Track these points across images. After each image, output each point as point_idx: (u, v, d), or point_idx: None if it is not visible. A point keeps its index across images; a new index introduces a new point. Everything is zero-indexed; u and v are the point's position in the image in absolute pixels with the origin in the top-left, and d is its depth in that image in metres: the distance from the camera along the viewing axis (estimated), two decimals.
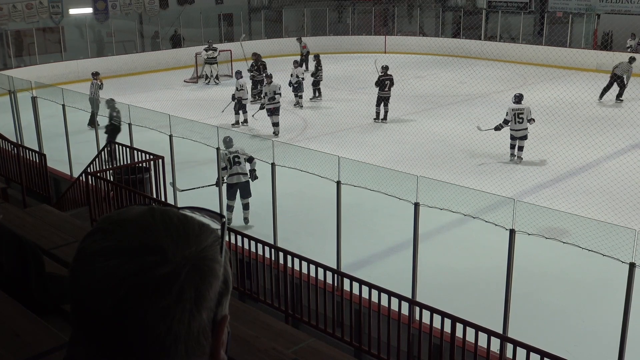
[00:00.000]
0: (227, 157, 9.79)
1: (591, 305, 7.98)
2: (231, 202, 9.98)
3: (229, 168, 9.83)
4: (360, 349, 6.46)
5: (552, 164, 12.73)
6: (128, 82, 22.36)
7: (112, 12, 26.02)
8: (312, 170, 8.95)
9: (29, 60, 23.39)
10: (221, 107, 17.04)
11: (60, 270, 3.04)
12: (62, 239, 3.89)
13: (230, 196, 9.95)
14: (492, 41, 26.55)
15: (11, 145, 10.66)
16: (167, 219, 0.81)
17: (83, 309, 0.78)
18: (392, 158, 12.67)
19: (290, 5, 30.26)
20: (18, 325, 2.38)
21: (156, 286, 0.76)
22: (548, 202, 9.64)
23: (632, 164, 12.10)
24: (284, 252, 6.98)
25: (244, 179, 9.87)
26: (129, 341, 0.76)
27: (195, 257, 0.79)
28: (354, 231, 9.48)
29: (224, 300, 0.84)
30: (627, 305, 5.73)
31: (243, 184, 9.86)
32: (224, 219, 0.87)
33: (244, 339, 3.44)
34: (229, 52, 23.71)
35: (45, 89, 14.59)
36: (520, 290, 6.88)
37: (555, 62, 23.61)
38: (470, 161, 13.22)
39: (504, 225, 6.39)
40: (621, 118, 15.69)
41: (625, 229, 5.84)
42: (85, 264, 0.78)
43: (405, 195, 7.08)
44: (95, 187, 8.86)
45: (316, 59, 19.58)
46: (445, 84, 21.13)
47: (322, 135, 15.20)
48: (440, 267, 8.62)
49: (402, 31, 29.97)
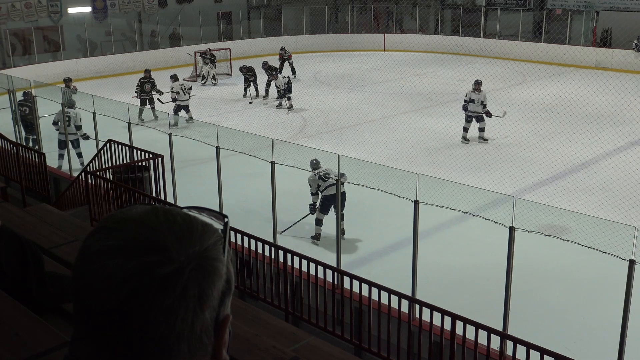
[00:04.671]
0: (315, 177, 9.45)
1: (591, 303, 7.99)
2: (324, 216, 9.55)
3: (322, 184, 9.42)
4: (360, 346, 6.47)
5: (551, 161, 12.73)
6: (127, 81, 22.34)
7: (111, 10, 26.01)
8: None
9: (28, 59, 23.37)
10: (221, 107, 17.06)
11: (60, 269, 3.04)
12: (62, 238, 3.88)
13: (325, 209, 9.51)
14: (491, 38, 26.54)
15: (10, 145, 10.65)
16: (170, 218, 0.81)
17: (86, 307, 0.78)
18: (391, 156, 12.66)
19: (289, 4, 30.24)
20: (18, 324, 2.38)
21: (160, 285, 0.76)
22: (548, 200, 9.65)
23: (632, 161, 12.11)
24: (283, 251, 6.98)
25: (342, 188, 9.03)
26: (132, 340, 0.76)
27: (199, 257, 0.79)
28: (354, 229, 9.48)
29: (227, 300, 0.84)
30: (627, 302, 5.73)
31: (342, 192, 9.01)
32: (227, 218, 0.87)
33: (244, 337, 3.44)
34: (228, 51, 23.70)
35: (44, 88, 14.59)
36: (520, 288, 6.88)
37: (555, 60, 23.60)
38: (470, 159, 13.22)
39: (503, 222, 6.39)
40: (620, 115, 15.69)
41: (625, 226, 5.85)
42: (89, 263, 0.78)
43: (404, 193, 7.08)
44: (95, 186, 8.85)
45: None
46: (445, 81, 21.13)
47: (322, 134, 15.20)
48: (440, 264, 8.63)
49: (401, 29, 29.97)
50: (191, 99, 16.74)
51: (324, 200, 9.43)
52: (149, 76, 17.21)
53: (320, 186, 9.46)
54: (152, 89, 17.04)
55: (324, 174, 9.42)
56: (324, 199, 9.44)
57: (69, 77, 16.45)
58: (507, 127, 14.45)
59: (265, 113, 17.69)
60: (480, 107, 14.38)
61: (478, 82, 14.56)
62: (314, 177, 9.49)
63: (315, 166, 9.51)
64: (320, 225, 9.58)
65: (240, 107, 18.64)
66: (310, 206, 9.70)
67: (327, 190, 9.33)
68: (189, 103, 16.52)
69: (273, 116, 17.34)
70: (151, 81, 17.09)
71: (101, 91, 16.43)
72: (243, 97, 19.50)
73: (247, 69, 19.19)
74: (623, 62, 23.15)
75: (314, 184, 9.52)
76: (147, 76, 17.20)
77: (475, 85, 14.51)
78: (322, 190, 9.45)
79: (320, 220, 9.56)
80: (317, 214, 9.56)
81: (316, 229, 9.60)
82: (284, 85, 17.66)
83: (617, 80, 17.98)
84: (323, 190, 9.43)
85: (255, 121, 16.04)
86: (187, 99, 16.52)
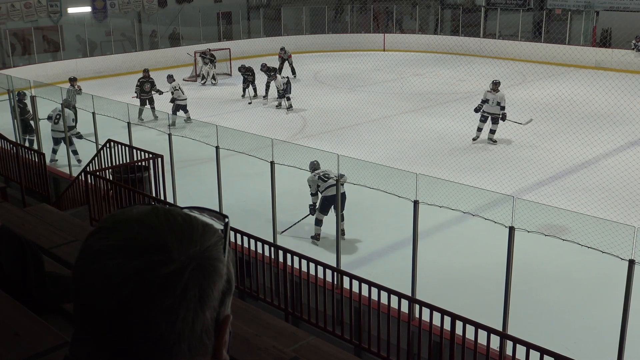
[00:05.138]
0: (314, 178, 9.45)
1: (591, 302, 7.99)
2: (323, 216, 9.52)
3: (322, 184, 9.40)
4: (360, 346, 6.47)
5: (551, 161, 12.73)
6: (126, 81, 22.34)
7: (111, 10, 26.00)
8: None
9: (28, 59, 23.37)
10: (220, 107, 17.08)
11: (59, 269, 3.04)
12: (62, 238, 3.88)
13: (325, 210, 9.48)
14: (491, 39, 26.54)
15: (10, 145, 10.65)
16: (171, 218, 0.81)
17: (87, 307, 0.78)
18: (391, 156, 12.67)
19: (289, 4, 30.25)
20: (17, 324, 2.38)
21: (161, 285, 0.76)
22: (547, 200, 9.65)
23: (631, 161, 12.12)
24: (283, 251, 6.98)
25: (342, 189, 8.95)
26: (133, 340, 0.76)
27: (200, 257, 0.79)
28: (354, 229, 9.48)
29: (227, 300, 0.84)
30: (627, 302, 5.74)
31: (342, 193, 8.95)
32: (227, 219, 0.87)
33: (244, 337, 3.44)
34: (228, 51, 23.70)
35: (44, 88, 14.59)
36: (519, 288, 6.88)
37: (554, 60, 23.61)
38: (470, 159, 13.22)
39: (503, 222, 6.39)
40: (620, 115, 15.69)
41: (625, 226, 5.85)
42: (90, 262, 0.78)
43: (404, 193, 7.08)
44: (95, 186, 8.85)
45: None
46: (445, 81, 21.13)
47: (321, 134, 15.20)
48: (439, 264, 8.63)
49: (401, 29, 29.97)
50: (189, 99, 16.76)
51: (324, 200, 9.43)
52: (148, 76, 17.21)
53: (320, 187, 9.45)
54: (152, 89, 17.04)
55: (323, 174, 9.42)
56: (323, 200, 9.44)
57: (74, 76, 16.48)
58: (507, 127, 14.46)
59: (264, 113, 17.69)
60: (496, 108, 14.19)
61: (495, 83, 14.38)
62: (313, 177, 9.49)
63: (315, 167, 9.51)
64: (320, 226, 9.58)
65: (239, 107, 18.64)
66: (310, 207, 9.70)
67: (327, 191, 9.32)
68: (187, 103, 16.54)
69: (273, 116, 17.34)
70: (150, 81, 17.09)
71: (101, 91, 16.44)
72: (242, 98, 19.53)
73: (246, 69, 19.20)
74: (623, 62, 23.16)
75: (314, 184, 9.52)
76: (146, 76, 17.20)
77: (492, 86, 14.39)
78: (321, 191, 9.44)
79: (320, 220, 9.56)
80: (317, 215, 9.56)
81: (316, 229, 9.60)
82: (283, 85, 17.67)
83: (617, 80, 17.99)
84: (323, 191, 9.42)
85: (255, 121, 16.04)
86: (185, 99, 16.54)
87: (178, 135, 10.87)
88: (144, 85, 17.03)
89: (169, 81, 16.61)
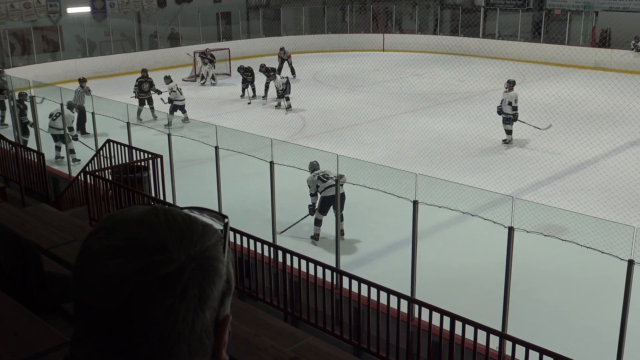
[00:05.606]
0: (314, 178, 9.44)
1: (590, 303, 7.99)
2: (323, 216, 9.53)
3: (321, 184, 9.39)
4: (359, 346, 6.46)
5: (550, 161, 12.74)
6: (126, 81, 22.34)
7: (110, 11, 26.00)
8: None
9: (27, 59, 23.36)
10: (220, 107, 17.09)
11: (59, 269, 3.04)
12: (61, 238, 3.88)
13: (324, 210, 9.49)
14: (490, 39, 26.55)
15: (9, 145, 10.64)
16: (171, 219, 0.81)
17: (86, 307, 0.78)
18: (390, 156, 12.67)
19: (288, 4, 30.25)
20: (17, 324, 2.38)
21: (161, 285, 0.76)
22: (547, 200, 9.65)
23: (631, 162, 12.12)
24: (283, 251, 6.98)
25: (342, 189, 8.89)
26: (133, 340, 0.76)
27: (200, 257, 0.79)
28: (353, 229, 9.49)
29: (227, 300, 0.84)
30: (626, 302, 5.74)
31: (342, 193, 8.89)
32: (227, 219, 0.87)
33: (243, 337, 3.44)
34: (227, 51, 23.69)
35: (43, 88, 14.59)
36: (519, 288, 6.88)
37: (554, 60, 23.62)
38: (469, 159, 13.23)
39: (502, 222, 6.39)
40: (619, 115, 15.69)
41: (624, 226, 5.85)
42: (90, 263, 0.78)
43: (403, 193, 7.08)
44: (94, 187, 8.85)
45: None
46: (444, 81, 21.14)
47: (321, 134, 15.20)
48: (439, 264, 8.63)
49: (400, 29, 29.98)
50: (189, 99, 16.77)
51: (323, 201, 9.43)
52: (147, 76, 17.20)
53: (319, 187, 9.46)
54: (151, 89, 17.04)
55: (323, 175, 9.42)
56: (323, 200, 9.44)
57: (83, 77, 16.46)
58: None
59: (264, 113, 17.70)
60: (508, 108, 14.16)
61: (509, 82, 14.38)
62: (312, 178, 9.49)
63: (314, 167, 9.51)
64: (319, 226, 9.58)
65: (239, 107, 18.64)
66: (310, 207, 9.70)
67: (326, 192, 9.33)
68: (184, 103, 16.54)
69: (272, 116, 17.34)
70: (149, 80, 17.09)
71: (100, 91, 16.44)
72: (241, 98, 19.54)
73: (245, 70, 19.20)
74: (622, 62, 23.17)
75: (313, 184, 9.52)
76: (144, 76, 17.19)
77: (506, 85, 14.41)
78: (321, 191, 9.45)
79: (319, 220, 9.56)
80: (316, 215, 9.57)
81: (315, 229, 9.61)
82: (282, 85, 17.68)
83: (616, 81, 17.99)
84: (322, 191, 9.42)
85: (254, 121, 16.04)
86: (183, 99, 16.54)
87: (177, 135, 10.88)
88: (142, 85, 17.02)
89: (167, 82, 16.61)
